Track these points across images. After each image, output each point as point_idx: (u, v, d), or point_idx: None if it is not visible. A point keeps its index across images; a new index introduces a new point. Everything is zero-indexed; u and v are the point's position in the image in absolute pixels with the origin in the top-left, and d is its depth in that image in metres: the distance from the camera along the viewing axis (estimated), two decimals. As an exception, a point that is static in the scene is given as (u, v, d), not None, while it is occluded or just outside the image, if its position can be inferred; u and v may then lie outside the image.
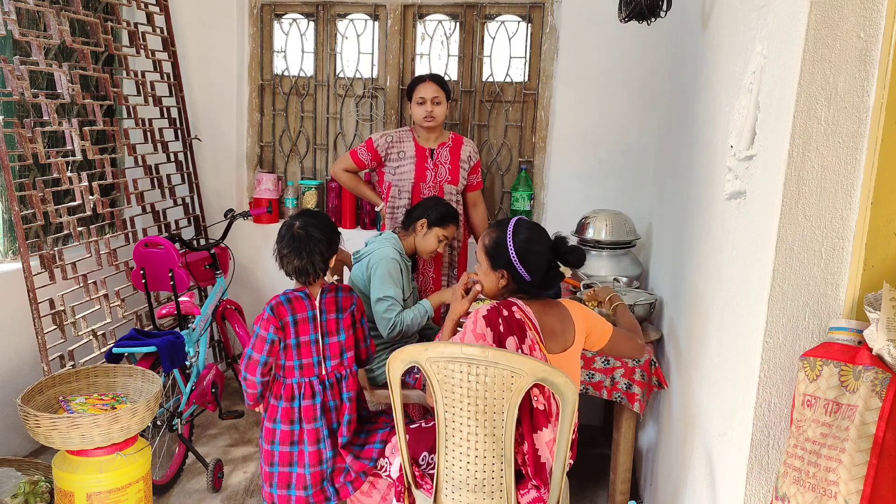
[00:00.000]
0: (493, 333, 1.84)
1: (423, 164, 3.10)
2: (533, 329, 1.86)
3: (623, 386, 2.28)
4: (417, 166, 3.09)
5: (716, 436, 1.59)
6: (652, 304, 2.51)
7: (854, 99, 1.16)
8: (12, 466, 2.51)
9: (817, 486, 1.06)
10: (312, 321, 2.17)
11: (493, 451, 1.79)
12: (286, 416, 2.15)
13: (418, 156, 3.11)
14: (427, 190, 3.10)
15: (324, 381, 2.18)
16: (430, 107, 3.02)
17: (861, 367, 1.06)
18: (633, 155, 3.36)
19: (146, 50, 3.45)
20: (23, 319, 2.78)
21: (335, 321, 2.20)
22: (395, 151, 3.12)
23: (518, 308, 1.89)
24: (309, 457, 2.15)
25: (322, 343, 2.18)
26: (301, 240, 2.14)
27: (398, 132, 3.17)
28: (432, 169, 3.11)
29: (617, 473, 2.45)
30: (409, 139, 3.14)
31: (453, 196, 3.13)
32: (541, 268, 1.92)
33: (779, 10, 1.32)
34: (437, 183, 3.11)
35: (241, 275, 3.74)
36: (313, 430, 2.15)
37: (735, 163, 1.54)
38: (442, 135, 3.17)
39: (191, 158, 3.73)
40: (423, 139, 3.13)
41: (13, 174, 2.65)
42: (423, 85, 3.04)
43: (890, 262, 1.15)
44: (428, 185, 3.10)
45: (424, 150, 3.12)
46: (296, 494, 2.17)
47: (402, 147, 3.12)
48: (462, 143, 3.19)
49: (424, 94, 3.03)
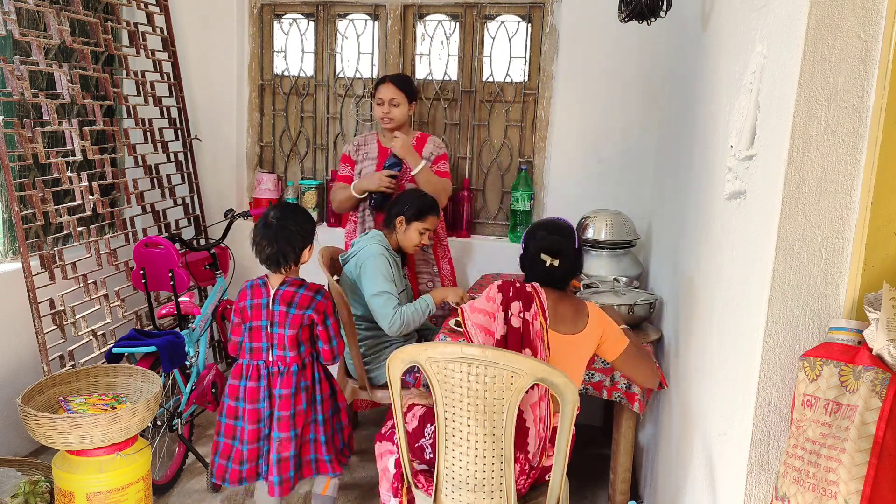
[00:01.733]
0: (503, 296, 1.96)
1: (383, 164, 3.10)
2: (539, 305, 1.96)
3: (623, 386, 2.28)
4: (378, 167, 3.10)
5: (716, 436, 1.59)
6: (652, 304, 2.51)
7: (854, 99, 1.16)
8: (12, 466, 2.51)
9: (817, 486, 1.06)
10: (265, 308, 2.29)
11: (493, 450, 1.79)
12: (233, 392, 2.32)
13: (380, 156, 3.13)
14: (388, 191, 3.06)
15: (269, 366, 2.30)
16: (387, 108, 3.05)
17: (861, 367, 1.06)
18: (633, 155, 3.36)
19: (146, 50, 3.45)
20: (23, 319, 2.78)
21: (284, 314, 2.28)
22: (362, 154, 3.16)
23: (532, 286, 2.00)
24: (248, 434, 2.28)
25: (270, 331, 2.30)
26: (273, 229, 2.26)
27: (364, 136, 3.23)
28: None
29: (617, 473, 2.45)
30: (373, 141, 3.18)
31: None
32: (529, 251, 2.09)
33: (779, 10, 1.32)
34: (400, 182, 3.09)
35: (241, 275, 3.73)
36: (254, 411, 2.28)
37: (735, 163, 1.54)
38: (407, 135, 3.14)
39: (191, 158, 3.73)
40: (385, 140, 3.14)
41: (13, 174, 2.65)
42: (383, 86, 3.06)
43: (890, 262, 1.15)
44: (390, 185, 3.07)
45: (387, 151, 3.12)
46: (231, 467, 2.32)
47: (367, 149, 3.16)
48: (426, 141, 3.19)
49: (383, 95, 3.06)
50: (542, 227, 2.13)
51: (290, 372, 2.29)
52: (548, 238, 2.06)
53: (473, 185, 3.66)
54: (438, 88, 3.61)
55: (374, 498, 2.78)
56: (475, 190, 3.67)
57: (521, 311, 1.93)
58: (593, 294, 2.57)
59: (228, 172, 3.83)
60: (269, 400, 2.29)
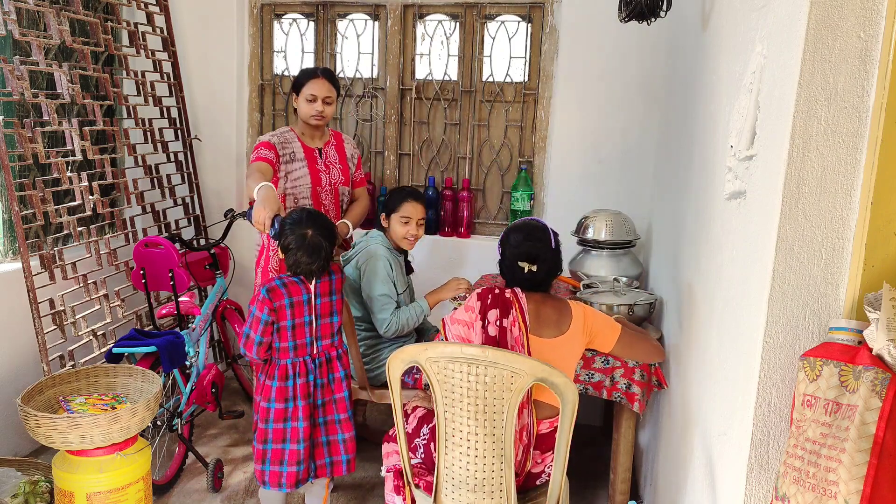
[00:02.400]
0: (481, 305, 1.97)
1: (315, 167, 2.87)
2: (519, 311, 1.95)
3: (623, 386, 2.28)
4: (311, 169, 2.85)
5: (716, 436, 1.59)
6: (652, 304, 2.51)
7: (854, 99, 1.16)
8: (12, 466, 2.51)
9: (817, 486, 1.06)
10: (308, 304, 2.28)
11: (492, 450, 1.79)
12: (281, 395, 2.26)
13: (308, 157, 2.86)
14: (324, 194, 2.89)
15: (315, 359, 2.31)
16: (320, 106, 2.78)
17: (861, 367, 1.06)
18: (633, 155, 3.36)
19: (146, 50, 3.45)
20: (23, 319, 2.78)
21: (329, 304, 2.32)
22: (287, 152, 2.83)
23: (511, 292, 2.00)
24: (304, 431, 2.26)
25: (315, 324, 2.30)
26: (316, 247, 2.25)
27: (282, 132, 2.87)
28: (325, 171, 2.90)
29: (617, 473, 2.45)
30: (294, 139, 2.86)
31: (346, 198, 3.00)
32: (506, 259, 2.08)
33: (779, 10, 1.32)
34: (332, 185, 2.91)
35: (241, 275, 3.74)
36: (307, 406, 2.27)
37: (735, 163, 1.54)
38: (325, 133, 2.95)
39: (191, 158, 3.73)
40: (307, 139, 2.89)
41: (13, 174, 2.65)
42: (315, 81, 2.78)
43: (890, 262, 1.15)
44: (324, 188, 2.89)
45: (313, 151, 2.88)
46: (287, 470, 2.27)
47: (292, 148, 2.85)
48: (344, 140, 3.01)
49: (315, 90, 2.77)
50: (515, 231, 2.09)
51: (335, 357, 2.35)
52: (524, 244, 2.03)
53: (473, 185, 3.66)
54: (438, 88, 3.61)
55: (374, 498, 2.79)
56: (475, 190, 3.67)
57: (498, 319, 1.93)
58: (593, 294, 2.57)
59: (228, 172, 3.83)
60: (322, 389, 2.31)
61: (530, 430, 1.92)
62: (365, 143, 3.75)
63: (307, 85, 2.79)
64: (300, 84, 2.81)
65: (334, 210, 2.95)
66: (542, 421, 1.99)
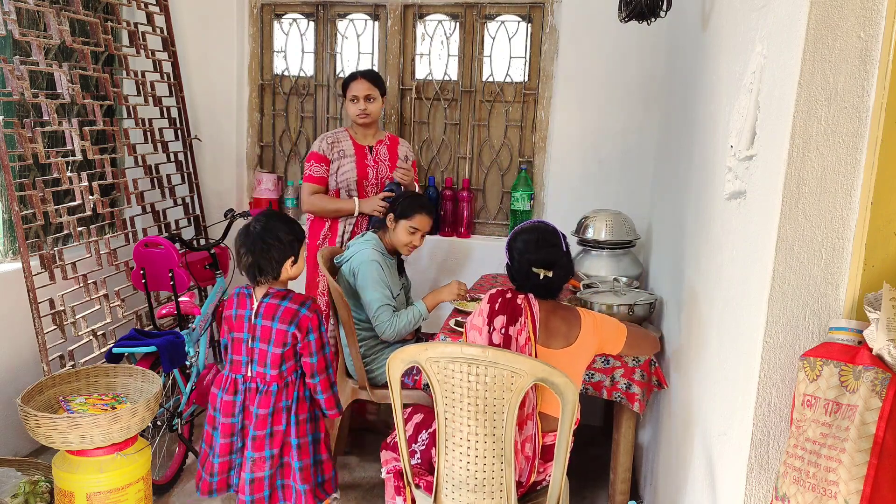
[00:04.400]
0: (489, 309, 1.94)
1: (364, 161, 3.09)
2: (530, 320, 1.91)
3: (623, 386, 2.28)
4: (358, 164, 3.09)
5: (716, 436, 1.59)
6: (652, 304, 2.51)
7: (854, 99, 1.16)
8: (12, 466, 2.51)
9: (817, 486, 1.06)
10: (248, 320, 2.13)
11: (493, 451, 1.79)
12: (213, 401, 2.19)
13: (357, 153, 3.10)
14: (370, 188, 3.10)
15: (246, 381, 2.14)
16: (363, 104, 3.02)
17: (861, 367, 1.06)
18: (633, 155, 3.36)
19: (146, 50, 3.45)
20: (23, 319, 2.78)
21: (269, 329, 2.10)
22: (337, 150, 3.09)
23: (524, 298, 1.95)
24: (220, 447, 2.15)
25: (251, 345, 2.13)
26: (252, 238, 2.11)
27: (335, 133, 3.15)
28: (373, 166, 3.11)
29: (617, 473, 2.45)
30: (346, 138, 3.12)
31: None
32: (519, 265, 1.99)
33: (779, 10, 1.32)
34: (379, 180, 3.12)
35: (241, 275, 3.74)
36: (227, 425, 2.14)
37: (735, 163, 1.54)
38: (378, 133, 3.18)
39: (191, 158, 3.73)
40: (359, 137, 3.13)
41: (13, 174, 2.65)
42: (356, 82, 3.03)
43: (890, 262, 1.15)
44: (370, 181, 3.10)
45: (363, 148, 3.11)
46: (204, 478, 2.19)
47: (342, 146, 3.10)
48: (398, 143, 3.21)
49: (357, 91, 3.02)
50: (526, 235, 2.01)
51: (269, 391, 2.11)
52: (540, 249, 1.96)
53: (473, 185, 3.66)
54: (438, 88, 3.61)
55: (375, 498, 2.78)
56: (475, 190, 3.67)
57: (503, 327, 1.90)
58: (593, 294, 2.57)
59: (228, 172, 3.83)
60: (243, 414, 2.14)
61: (535, 443, 1.91)
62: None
63: (349, 87, 3.05)
64: (345, 88, 3.08)
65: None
66: (546, 434, 1.97)
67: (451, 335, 2.47)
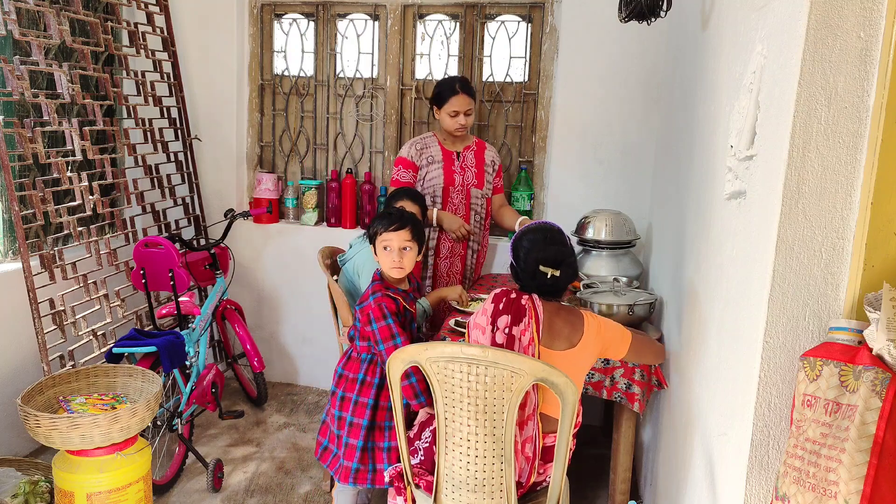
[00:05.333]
0: (493, 309, 1.94)
1: (451, 168, 3.11)
2: (534, 320, 1.90)
3: (623, 386, 2.28)
4: (445, 170, 3.10)
5: (716, 436, 1.59)
6: (652, 304, 2.51)
7: (854, 99, 1.16)
8: (12, 466, 2.51)
9: (817, 486, 1.06)
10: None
11: (493, 451, 1.79)
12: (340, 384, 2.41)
13: (445, 159, 3.12)
14: (455, 194, 3.11)
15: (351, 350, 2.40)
16: (463, 119, 3.02)
17: (861, 367, 1.06)
18: (633, 155, 3.36)
19: (146, 50, 3.45)
20: (23, 319, 2.78)
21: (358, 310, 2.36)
22: (426, 156, 3.12)
23: (529, 298, 1.94)
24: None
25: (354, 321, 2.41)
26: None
27: (423, 138, 3.17)
28: (459, 172, 3.13)
29: (617, 473, 2.45)
30: (434, 143, 3.14)
31: (479, 200, 3.17)
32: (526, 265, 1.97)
33: (779, 10, 1.32)
34: (465, 187, 3.13)
35: (241, 275, 3.74)
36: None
37: (735, 163, 1.54)
38: (467, 138, 3.19)
39: (191, 158, 3.73)
40: (448, 143, 3.15)
41: (13, 174, 2.65)
42: (457, 98, 3.01)
43: (890, 262, 1.15)
44: (456, 188, 3.12)
45: (451, 154, 3.13)
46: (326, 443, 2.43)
47: (430, 152, 3.13)
48: (486, 148, 3.22)
49: (458, 106, 3.01)
50: (533, 235, 2.00)
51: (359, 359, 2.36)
52: (548, 248, 1.96)
53: (473, 185, 3.66)
54: (438, 88, 3.61)
55: (376, 498, 2.78)
56: (475, 190, 3.66)
57: (507, 327, 1.89)
58: (593, 294, 2.57)
59: (228, 172, 3.83)
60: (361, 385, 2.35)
61: (536, 444, 1.91)
62: (365, 142, 3.75)
63: (449, 102, 3.02)
64: (442, 99, 3.04)
65: (464, 209, 3.15)
66: (547, 434, 1.97)
67: (451, 335, 2.47)
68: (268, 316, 3.87)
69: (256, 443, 3.21)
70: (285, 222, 3.81)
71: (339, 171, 3.77)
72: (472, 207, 3.16)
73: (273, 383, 3.86)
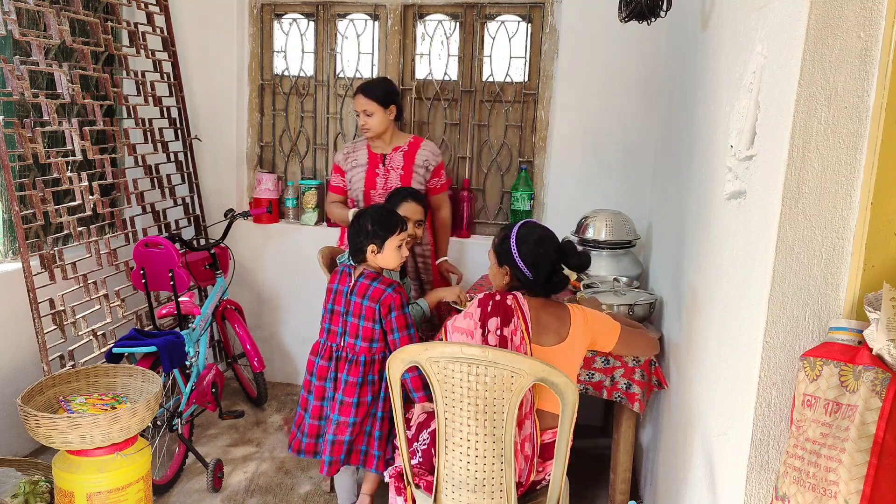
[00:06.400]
0: (481, 312, 1.95)
1: (374, 171, 3.04)
2: (521, 318, 1.92)
3: (623, 386, 2.28)
4: (368, 173, 3.04)
5: (716, 436, 1.59)
6: (652, 304, 2.51)
7: (854, 99, 1.16)
8: (12, 466, 2.51)
9: (817, 485, 1.06)
10: (344, 296, 2.41)
11: (493, 451, 1.79)
12: (309, 367, 2.47)
13: (370, 162, 3.06)
14: (377, 197, 3.00)
15: (339, 350, 2.41)
16: (363, 119, 2.98)
17: (861, 367, 1.06)
18: (633, 155, 3.36)
19: (146, 50, 3.44)
20: (23, 319, 2.78)
21: (360, 305, 2.37)
22: (351, 161, 3.08)
23: (513, 298, 1.96)
24: (312, 409, 2.44)
25: (345, 318, 2.40)
26: (353, 223, 2.42)
27: (354, 143, 3.15)
28: (382, 175, 3.04)
29: (617, 473, 2.45)
30: (363, 147, 3.09)
31: None
32: (542, 267, 1.99)
33: (779, 10, 1.32)
34: (388, 189, 2.99)
35: (241, 275, 3.74)
36: (320, 388, 2.43)
37: (735, 163, 1.54)
38: (397, 138, 3.09)
39: (191, 158, 3.73)
40: (377, 146, 3.08)
41: (13, 174, 2.65)
42: (355, 98, 3.01)
43: (890, 262, 1.15)
44: (378, 192, 3.02)
45: (377, 157, 3.06)
46: (298, 437, 2.48)
47: (356, 156, 3.08)
48: (419, 147, 3.08)
49: (356, 107, 3.00)
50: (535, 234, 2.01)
51: (359, 361, 2.37)
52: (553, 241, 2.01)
53: (473, 185, 3.66)
54: (438, 88, 3.61)
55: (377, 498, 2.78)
56: (475, 190, 3.67)
57: (498, 328, 1.91)
58: (593, 294, 2.57)
59: (228, 172, 3.83)
60: (335, 382, 2.39)
61: (534, 441, 1.91)
62: (365, 143, 3.76)
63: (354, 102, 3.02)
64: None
65: None
66: (545, 431, 1.97)
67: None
68: (268, 316, 3.87)
69: (256, 443, 3.21)
70: (285, 222, 3.81)
71: (339, 171, 3.77)
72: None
73: (273, 383, 3.86)
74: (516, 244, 2.00)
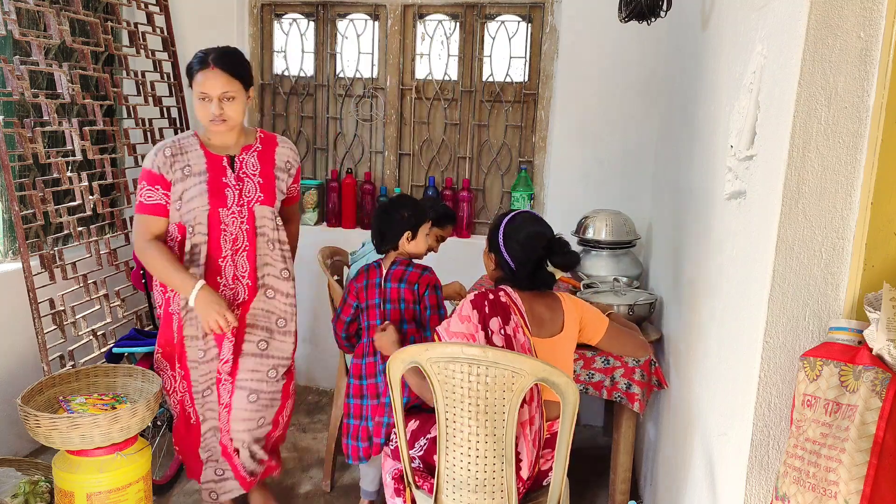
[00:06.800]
0: (479, 315, 1.91)
1: (219, 180, 2.19)
2: (518, 314, 1.91)
3: (623, 386, 2.28)
4: (211, 185, 2.16)
5: (716, 436, 1.59)
6: (652, 304, 2.51)
7: (854, 99, 1.16)
8: (12, 466, 2.51)
9: (817, 486, 1.06)
10: (378, 287, 2.35)
11: (493, 451, 1.79)
12: (356, 371, 2.38)
13: (211, 169, 2.18)
14: (230, 218, 2.20)
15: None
16: (217, 109, 2.11)
17: (861, 367, 1.06)
18: (633, 155, 3.36)
19: (146, 50, 3.45)
20: (23, 319, 2.78)
21: (397, 290, 2.34)
22: (180, 167, 2.18)
23: (505, 293, 1.95)
24: (372, 409, 2.33)
25: (383, 307, 2.34)
26: (381, 210, 2.39)
27: (178, 140, 2.22)
28: (234, 186, 2.21)
29: (617, 473, 2.45)
30: (194, 147, 2.21)
31: (269, 222, 2.27)
32: (526, 260, 1.96)
33: (779, 10, 1.32)
34: (244, 205, 2.22)
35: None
36: (373, 385, 2.34)
37: (735, 163, 1.54)
38: (244, 135, 2.28)
39: (191, 158, 3.72)
40: (215, 145, 2.22)
41: (13, 174, 2.65)
42: (205, 73, 2.10)
43: (890, 262, 1.15)
44: (230, 210, 2.20)
45: (220, 160, 2.21)
46: (352, 444, 2.37)
47: (187, 159, 2.18)
48: (276, 145, 2.32)
49: (208, 89, 2.10)
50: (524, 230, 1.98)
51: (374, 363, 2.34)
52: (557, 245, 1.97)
53: (473, 185, 3.66)
54: (438, 88, 3.61)
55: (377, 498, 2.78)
56: (475, 190, 3.67)
57: (501, 328, 1.89)
58: (593, 294, 2.57)
59: (228, 172, 3.82)
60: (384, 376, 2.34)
61: (541, 435, 1.91)
62: (365, 143, 3.75)
63: (195, 79, 2.14)
64: (190, 77, 2.17)
65: (247, 239, 2.23)
66: (552, 423, 1.98)
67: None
68: (268, 316, 3.87)
69: (256, 443, 3.21)
70: (285, 222, 3.80)
71: (339, 171, 3.77)
72: (259, 234, 2.25)
73: (273, 383, 3.85)
74: (503, 236, 2.00)
